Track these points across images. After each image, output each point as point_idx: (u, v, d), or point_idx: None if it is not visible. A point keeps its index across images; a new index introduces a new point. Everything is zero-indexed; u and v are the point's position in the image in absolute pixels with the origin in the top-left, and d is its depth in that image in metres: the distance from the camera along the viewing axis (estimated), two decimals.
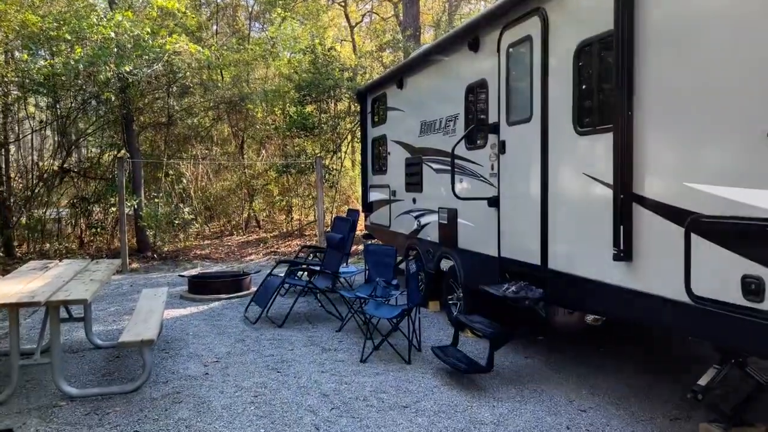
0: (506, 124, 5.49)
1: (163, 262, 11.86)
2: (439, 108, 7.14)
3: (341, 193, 15.59)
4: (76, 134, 12.78)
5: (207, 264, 11.89)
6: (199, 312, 7.79)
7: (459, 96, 6.53)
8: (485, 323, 5.16)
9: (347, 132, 14.49)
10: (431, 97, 7.42)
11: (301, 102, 13.55)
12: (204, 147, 14.61)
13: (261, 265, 11.77)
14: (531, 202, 5.07)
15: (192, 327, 7.03)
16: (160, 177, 13.09)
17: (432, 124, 7.37)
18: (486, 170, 5.93)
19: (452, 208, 6.73)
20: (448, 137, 6.87)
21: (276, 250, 13.28)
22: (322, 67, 13.33)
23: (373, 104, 10.11)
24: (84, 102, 11.52)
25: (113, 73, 9.47)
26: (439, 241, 7.14)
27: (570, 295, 4.67)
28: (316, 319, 7.29)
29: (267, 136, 14.81)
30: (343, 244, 7.41)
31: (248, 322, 7.17)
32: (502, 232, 5.60)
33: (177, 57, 10.86)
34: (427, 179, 7.55)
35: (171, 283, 9.87)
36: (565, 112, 4.60)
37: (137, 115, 12.60)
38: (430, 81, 7.44)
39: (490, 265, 5.84)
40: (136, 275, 10.75)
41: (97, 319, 7.46)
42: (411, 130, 8.09)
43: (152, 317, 5.41)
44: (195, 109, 13.26)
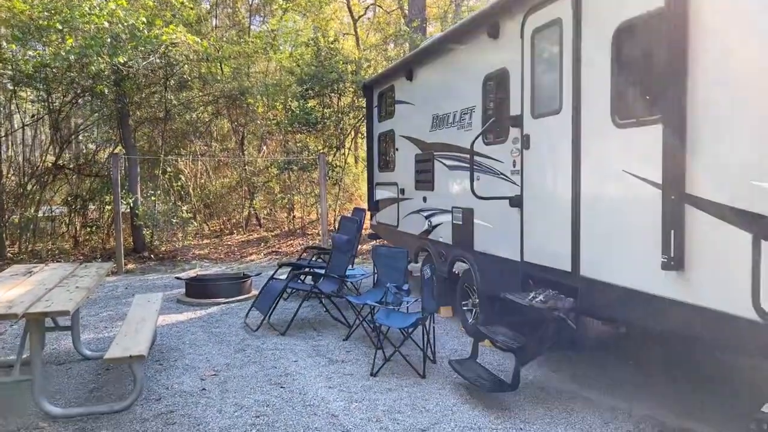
0: (531, 117, 5.02)
1: (160, 262, 11.41)
2: (453, 101, 6.67)
3: (344, 190, 15.12)
4: (70, 130, 12.31)
5: (206, 264, 11.43)
6: (197, 318, 7.33)
7: (476, 87, 6.06)
8: (510, 336, 4.70)
9: (351, 127, 14.02)
10: (444, 89, 6.95)
11: (303, 96, 13.07)
12: (203, 143, 14.13)
13: (262, 266, 11.32)
14: (560, 202, 4.61)
15: (189, 335, 6.57)
16: (158, 174, 12.62)
17: (445, 117, 6.90)
18: (507, 167, 5.46)
19: (468, 208, 6.27)
20: (463, 132, 6.41)
21: (278, 249, 12.82)
22: (325, 59, 12.84)
23: (379, 98, 9.64)
24: (77, 96, 11.04)
25: (107, 64, 9.00)
26: (453, 242, 6.68)
27: (606, 305, 4.21)
28: (321, 326, 6.84)
29: (268, 131, 14.33)
30: (350, 246, 6.96)
31: (249, 329, 6.72)
32: (526, 234, 5.14)
33: (174, 48, 10.38)
34: (440, 177, 7.09)
35: (168, 286, 9.42)
36: (601, 102, 4.13)
37: (133, 109, 12.13)
38: (444, 72, 6.97)
39: (511, 270, 5.38)
40: (132, 276, 10.30)
41: (88, 325, 7.01)
42: (421, 124, 7.62)
43: (144, 328, 4.96)
44: (193, 104, 12.77)
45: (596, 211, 4.24)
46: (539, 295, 4.54)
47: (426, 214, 7.54)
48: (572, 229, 4.46)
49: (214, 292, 8.07)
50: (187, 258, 11.77)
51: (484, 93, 5.93)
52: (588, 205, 4.32)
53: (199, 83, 12.28)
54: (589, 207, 4.31)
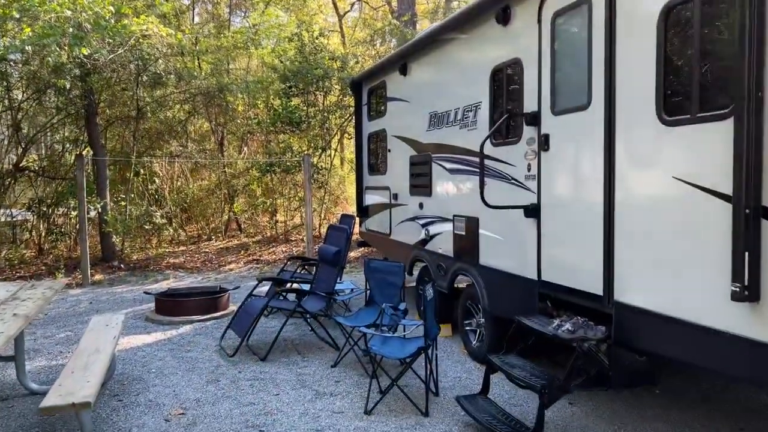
0: (550, 114, 4.34)
1: (131, 272, 10.55)
2: (454, 96, 5.98)
3: (330, 193, 14.37)
4: (35, 129, 11.39)
5: (180, 275, 10.60)
6: (166, 339, 6.54)
7: (482, 81, 5.37)
8: (529, 371, 4.00)
9: (337, 128, 13.26)
10: (444, 83, 6.25)
11: (286, 94, 12.28)
12: (179, 144, 13.26)
13: (242, 276, 10.53)
14: (588, 213, 3.93)
15: (156, 361, 5.78)
16: (130, 177, 11.75)
17: (444, 116, 6.20)
18: (520, 171, 4.78)
19: (472, 217, 5.57)
20: (466, 131, 5.71)
21: (258, 257, 12.02)
22: (309, 55, 12.08)
23: (369, 95, 8.92)
24: (38, 91, 10.16)
25: (68, 57, 8.15)
26: (455, 254, 5.98)
27: (648, 338, 3.53)
28: (306, 349, 6.09)
29: (249, 131, 13.51)
30: (339, 258, 6.22)
31: (224, 353, 5.94)
32: (544, 249, 4.45)
33: (146, 41, 9.55)
34: (438, 181, 6.39)
35: (137, 300, 8.59)
36: (643, 95, 3.46)
37: (103, 107, 11.25)
38: (443, 64, 6.27)
39: (524, 289, 4.70)
40: (99, 289, 9.44)
41: (40, 350, 6.18)
42: (417, 123, 6.92)
43: (96, 362, 4.17)
44: (168, 102, 11.92)
45: (636, 225, 3.56)
46: (566, 323, 3.85)
47: (422, 222, 6.84)
48: (605, 245, 3.78)
49: (188, 309, 7.27)
50: (160, 267, 10.92)
51: (493, 87, 5.24)
52: (625, 217, 3.64)
53: (174, 79, 11.44)
54: (627, 220, 3.63)
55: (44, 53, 7.75)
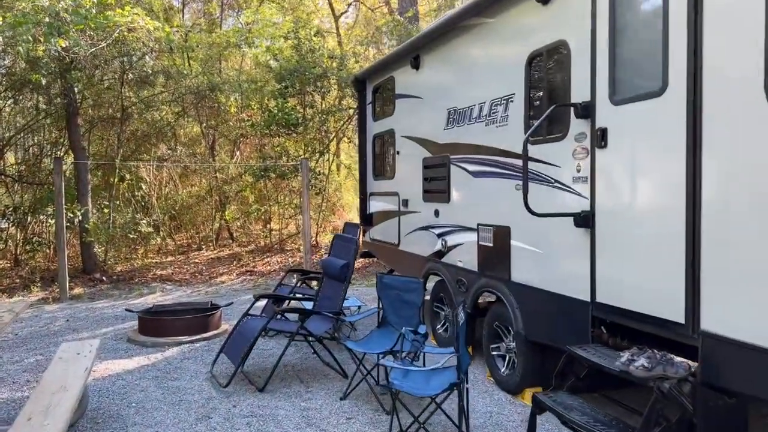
0: (609, 104, 3.64)
1: (114, 285, 9.74)
2: (479, 90, 5.28)
3: (327, 200, 13.62)
4: (9, 130, 10.58)
5: (168, 288, 9.81)
6: (150, 365, 5.76)
7: (515, 70, 4.68)
8: (591, 414, 3.28)
9: (335, 130, 12.53)
10: (466, 76, 5.55)
11: (282, 94, 11.55)
12: (167, 147, 12.47)
13: (234, 290, 9.75)
14: (664, 221, 3.23)
15: (137, 392, 5.01)
16: (114, 182, 10.94)
17: (466, 112, 5.50)
18: (566, 172, 4.08)
19: (502, 226, 4.86)
20: (494, 128, 5.01)
21: (252, 269, 11.24)
22: (306, 53, 11.37)
23: (374, 93, 8.21)
24: (13, 89, 9.37)
25: (44, 49, 7.39)
26: (479, 269, 5.26)
27: (747, 377, 2.83)
28: (310, 377, 5.34)
29: (242, 134, 12.74)
30: (346, 273, 5.48)
31: (216, 383, 5.18)
32: (600, 264, 3.74)
33: (131, 35, 8.80)
34: (459, 185, 5.68)
35: (119, 317, 7.80)
36: (746, 72, 2.76)
37: (85, 108, 10.46)
38: (464, 55, 5.57)
39: (572, 312, 3.98)
40: (78, 304, 8.62)
41: (4, 379, 5.38)
42: (432, 121, 6.22)
43: (61, 404, 3.40)
44: (156, 102, 11.14)
45: (729, 234, 2.86)
46: (638, 357, 3.14)
47: (438, 232, 6.12)
48: (688, 261, 3.07)
49: (175, 329, 6.49)
50: (146, 280, 10.12)
51: (529, 77, 4.54)
52: (717, 225, 2.93)
53: (162, 78, 10.67)
54: (716, 228, 2.93)
55: (17, 45, 6.97)
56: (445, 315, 6.27)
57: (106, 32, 8.78)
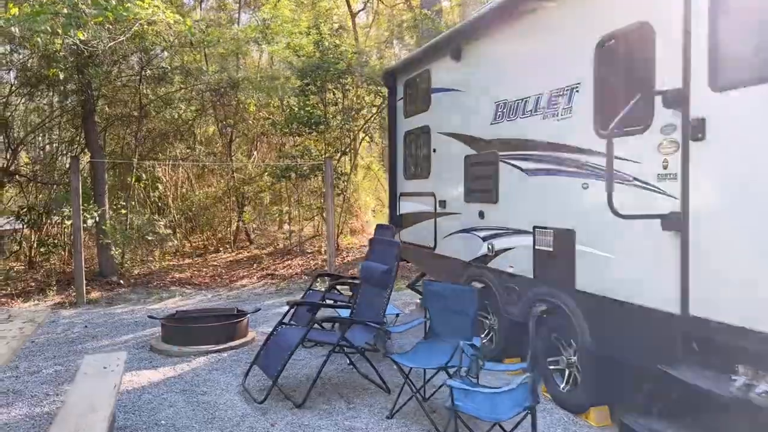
0: (708, 90, 3.21)
1: (131, 289, 9.38)
2: (534, 80, 4.85)
3: (347, 201, 13.21)
4: (24, 129, 10.25)
5: (188, 292, 9.44)
6: (177, 377, 5.37)
7: (581, 56, 4.25)
8: None
9: (358, 129, 12.10)
10: (519, 65, 5.13)
11: (303, 92, 11.16)
12: (186, 146, 12.10)
13: (256, 294, 9.37)
14: None
15: (166, 408, 4.62)
16: (131, 182, 10.58)
17: (519, 104, 5.08)
18: (649, 169, 3.64)
19: (564, 229, 4.44)
20: (554, 121, 4.58)
21: (273, 272, 10.86)
22: (328, 49, 10.96)
23: (406, 88, 7.81)
24: (29, 85, 9.03)
25: (62, 42, 7.03)
26: (536, 276, 4.83)
27: None
28: (350, 391, 4.93)
29: (262, 133, 12.35)
30: (389, 279, 5.07)
31: (250, 397, 4.78)
32: (695, 273, 3.30)
33: (151, 28, 8.44)
34: (509, 185, 5.25)
35: (139, 323, 7.43)
36: None
37: (101, 105, 10.12)
38: (518, 42, 5.15)
39: (655, 326, 3.55)
40: (95, 309, 8.26)
41: (22, 392, 5.00)
42: (476, 116, 5.81)
43: (91, 428, 3.01)
44: (174, 100, 10.77)
45: None
46: (759, 381, 2.70)
47: (483, 235, 5.70)
48: None
49: (201, 337, 6.11)
50: (164, 283, 9.75)
51: (599, 63, 4.11)
52: None
53: (180, 75, 10.31)
54: None
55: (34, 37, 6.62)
56: (490, 324, 5.84)
57: (125, 25, 8.44)
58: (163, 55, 9.71)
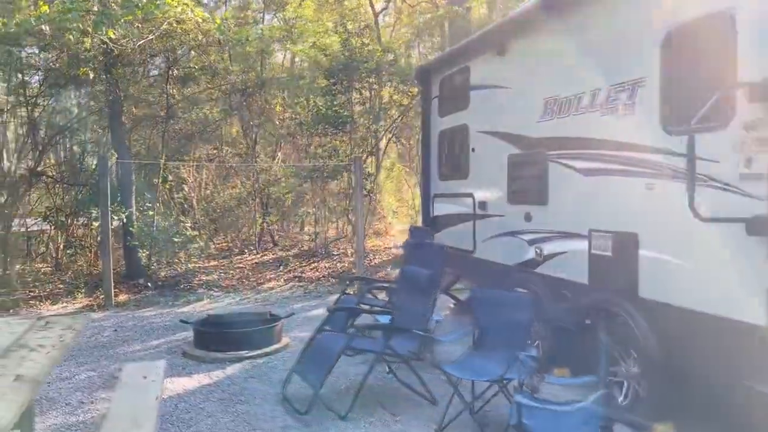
0: None
1: (159, 292, 9.25)
2: (590, 75, 4.60)
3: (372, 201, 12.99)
4: (51, 129, 10.17)
5: (215, 294, 9.29)
6: (213, 384, 5.18)
7: (646, 48, 4.00)
8: None
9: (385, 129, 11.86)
10: (572, 60, 4.87)
11: (330, 92, 10.97)
12: (212, 147, 11.96)
13: (284, 297, 9.19)
14: None
15: (204, 418, 4.44)
16: (157, 183, 10.48)
17: (572, 101, 4.82)
18: (728, 168, 3.38)
19: (626, 232, 4.17)
20: (614, 118, 4.33)
21: (300, 274, 10.68)
22: (356, 47, 10.76)
23: (441, 86, 7.58)
24: (57, 85, 8.95)
25: (93, 40, 6.92)
26: (591, 282, 4.58)
27: None
28: (392, 401, 4.71)
29: (288, 133, 12.17)
30: (434, 285, 4.85)
31: (291, 407, 4.58)
32: None
33: (180, 27, 8.31)
34: (561, 185, 5.00)
35: (169, 327, 7.28)
36: None
37: (128, 105, 10.01)
38: (571, 36, 4.89)
39: (740, 340, 3.28)
40: (124, 312, 8.14)
41: (55, 400, 4.86)
42: (522, 113, 5.57)
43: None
44: (200, 100, 10.63)
45: None
46: None
47: (530, 238, 5.45)
48: None
49: (235, 342, 5.93)
50: (192, 286, 9.61)
51: (667, 56, 3.85)
52: None
53: (207, 75, 10.17)
54: None
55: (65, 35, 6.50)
56: (535, 332, 5.58)
57: (153, 24, 8.32)
58: (189, 55, 9.57)
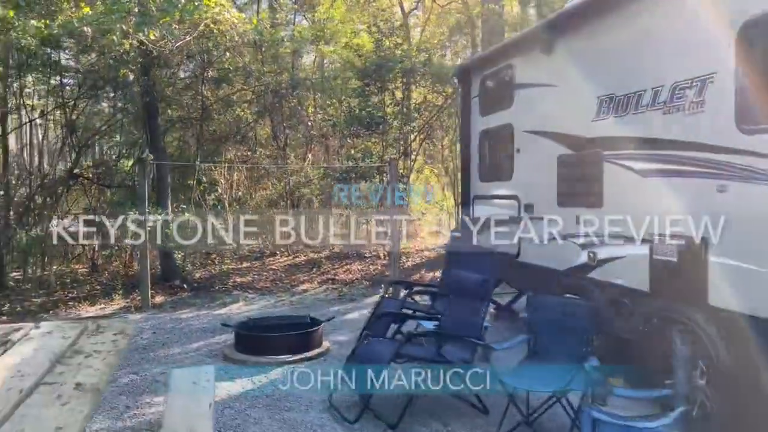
0: None
1: (194, 294, 9.24)
2: (652, 71, 4.39)
3: None
4: (88, 130, 10.24)
5: (250, 296, 9.25)
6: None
7: (719, 42, 3.78)
8: None
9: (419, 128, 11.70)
10: (631, 56, 4.67)
11: (363, 93, 10.86)
12: (246, 148, 11.95)
13: (319, 300, 9.10)
14: None
15: (251, 425, 4.36)
16: (192, 185, 10.48)
17: (630, 98, 4.62)
18: None
19: (693, 237, 3.96)
20: (680, 117, 4.12)
21: (333, 277, 10.59)
22: (389, 49, 10.64)
23: (482, 85, 7.40)
24: (95, 87, 9.00)
25: (132, 41, 6.90)
26: (653, 289, 4.36)
27: None
28: (442, 410, 4.56)
29: (322, 135, 12.10)
30: (487, 290, 4.68)
31: (338, 414, 4.47)
32: None
33: (216, 28, 8.27)
34: (618, 187, 4.80)
35: (207, 329, 7.24)
36: None
37: (163, 107, 10.04)
38: (629, 31, 4.69)
39: None
40: (161, 314, 8.12)
41: (101, 404, 4.79)
42: (573, 112, 5.37)
43: None
44: (234, 101, 10.61)
45: None
46: None
47: (582, 242, 5.24)
48: None
49: (277, 347, 5.84)
50: (226, 288, 9.59)
51: (743, 49, 3.63)
52: None
53: (241, 76, 10.14)
54: None
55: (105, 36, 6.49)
56: None
57: (188, 25, 8.30)
58: (224, 56, 9.55)
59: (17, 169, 10.72)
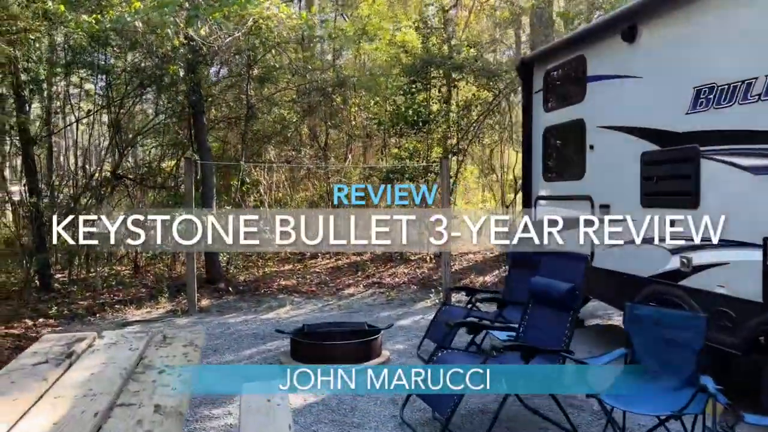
0: None
1: (240, 297, 9.01)
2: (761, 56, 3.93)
3: None
4: (133, 129, 10.12)
5: (297, 300, 8.96)
6: (320, 403, 4.77)
7: None
8: None
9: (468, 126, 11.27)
10: (735, 40, 4.22)
11: (409, 91, 10.50)
12: (291, 147, 11.70)
13: (368, 305, 8.77)
14: None
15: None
16: (235, 185, 10.27)
17: (737, 88, 4.16)
18: None
19: None
20: None
21: (379, 280, 10.26)
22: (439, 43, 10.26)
23: (547, 79, 6.97)
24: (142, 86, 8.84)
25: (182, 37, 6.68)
26: (766, 298, 3.90)
27: None
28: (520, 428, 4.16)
29: (368, 134, 11.79)
30: (574, 299, 4.27)
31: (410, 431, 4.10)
32: None
33: (264, 23, 8.01)
34: (721, 186, 4.35)
35: (257, 334, 6.97)
36: None
37: (207, 106, 9.84)
38: (736, 11, 4.24)
39: None
40: (208, 318, 7.90)
41: None
42: (661, 105, 4.93)
43: None
44: (279, 100, 10.36)
45: None
46: None
47: (673, 246, 4.79)
48: None
49: (336, 355, 5.51)
50: (272, 291, 9.33)
51: None
52: None
53: (287, 73, 9.89)
54: None
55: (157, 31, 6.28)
56: None
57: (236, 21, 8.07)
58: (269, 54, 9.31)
59: (61, 169, 10.65)
